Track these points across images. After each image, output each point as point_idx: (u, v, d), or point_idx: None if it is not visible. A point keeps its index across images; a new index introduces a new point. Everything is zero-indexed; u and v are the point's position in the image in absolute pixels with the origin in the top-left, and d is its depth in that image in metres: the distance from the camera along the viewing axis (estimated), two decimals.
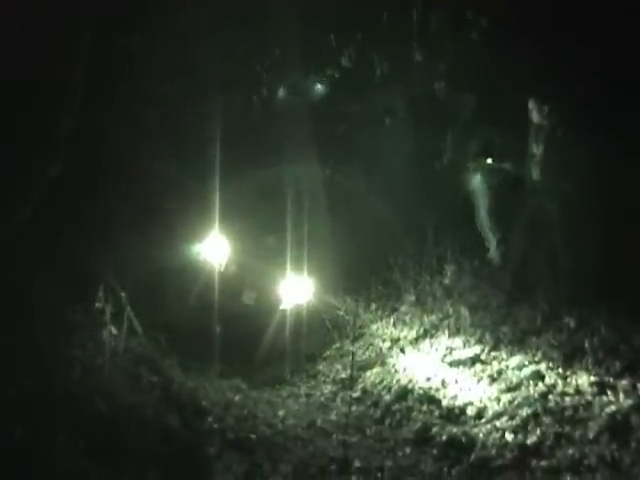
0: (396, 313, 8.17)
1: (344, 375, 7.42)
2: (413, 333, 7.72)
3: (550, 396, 6.07)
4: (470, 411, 6.26)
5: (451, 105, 8.54)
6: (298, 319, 7.60)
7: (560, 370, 6.38)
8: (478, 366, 6.90)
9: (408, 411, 6.56)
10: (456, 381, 6.77)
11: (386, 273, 8.57)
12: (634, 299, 7.03)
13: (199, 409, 6.01)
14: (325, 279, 7.81)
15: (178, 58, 8.03)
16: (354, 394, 6.98)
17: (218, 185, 7.86)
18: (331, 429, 6.33)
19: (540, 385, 6.26)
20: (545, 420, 5.79)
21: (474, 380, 6.70)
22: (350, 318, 7.86)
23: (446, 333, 7.55)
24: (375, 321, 8.10)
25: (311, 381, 7.62)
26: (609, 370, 6.19)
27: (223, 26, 8.01)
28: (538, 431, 5.67)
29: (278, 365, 7.77)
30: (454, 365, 7.03)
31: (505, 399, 6.23)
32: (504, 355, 6.90)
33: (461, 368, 6.95)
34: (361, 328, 8.07)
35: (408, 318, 8.03)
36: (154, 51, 7.72)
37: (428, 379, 6.93)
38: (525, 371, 6.52)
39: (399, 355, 7.55)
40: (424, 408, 6.55)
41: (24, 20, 5.94)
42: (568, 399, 5.96)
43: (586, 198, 7.48)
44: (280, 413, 6.62)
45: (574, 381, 6.17)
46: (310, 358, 8.03)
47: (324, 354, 8.06)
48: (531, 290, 7.80)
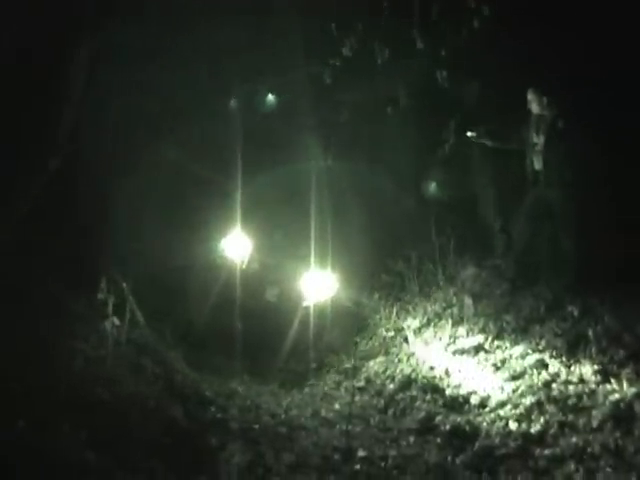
0: (399, 302, 8.16)
1: (348, 365, 7.42)
2: (417, 322, 7.71)
3: (554, 385, 6.06)
4: (474, 400, 6.25)
5: (453, 94, 8.51)
6: (322, 315, 7.49)
7: (564, 359, 6.37)
8: (482, 355, 6.89)
9: (412, 400, 6.56)
10: (459, 370, 6.76)
11: (389, 262, 8.56)
12: (637, 288, 7.02)
13: (202, 399, 6.01)
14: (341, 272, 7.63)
15: (190, 52, 7.99)
16: (358, 384, 6.98)
17: (240, 182, 7.94)
18: (335, 419, 6.34)
19: (544, 374, 6.25)
20: (549, 409, 5.78)
21: (478, 369, 6.69)
22: (353, 308, 7.84)
23: (449, 322, 7.54)
24: (378, 310, 8.10)
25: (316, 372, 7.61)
26: (613, 359, 6.17)
27: (224, 17, 7.96)
28: (542, 420, 5.66)
29: (301, 363, 7.71)
30: (457, 354, 7.03)
31: (509, 388, 6.22)
32: (507, 344, 6.89)
33: (465, 357, 6.95)
34: (364, 319, 8.06)
35: (411, 307, 8.03)
36: (165, 43, 7.69)
37: (432, 368, 6.94)
38: (529, 360, 6.51)
39: (402, 344, 7.55)
40: (428, 397, 6.55)
41: (24, 13, 5.94)
42: (572, 388, 5.95)
43: (588, 187, 7.46)
44: (284, 403, 6.63)
45: (578, 370, 6.16)
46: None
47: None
48: (534, 279, 7.79)
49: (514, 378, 6.36)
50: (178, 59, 7.97)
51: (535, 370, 6.34)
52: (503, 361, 6.67)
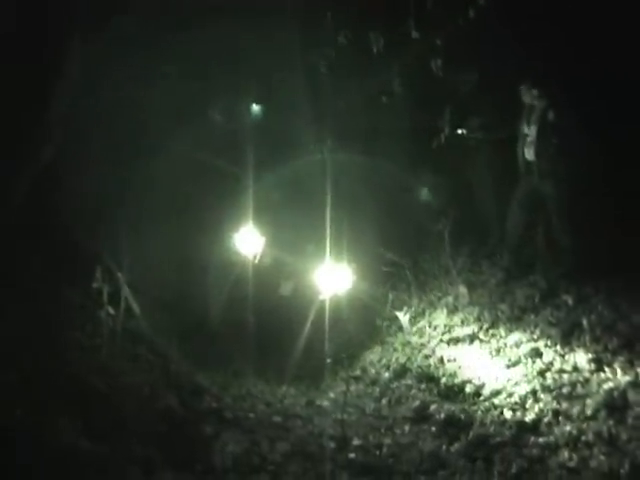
0: (395, 292, 8.17)
1: (344, 355, 7.42)
2: (412, 311, 7.72)
3: (548, 373, 6.08)
4: (468, 389, 6.27)
5: (448, 82, 8.50)
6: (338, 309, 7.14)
7: (558, 347, 6.39)
8: (476, 344, 6.91)
9: (407, 389, 6.58)
10: (454, 359, 6.78)
11: (383, 251, 8.55)
12: (632, 277, 7.04)
13: (197, 388, 6.02)
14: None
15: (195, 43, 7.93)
16: (353, 373, 7.00)
17: (251, 177, 7.87)
18: (330, 407, 6.35)
19: (538, 362, 6.27)
20: (543, 397, 5.80)
21: (472, 358, 6.71)
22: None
23: (445, 311, 7.56)
24: (374, 299, 8.10)
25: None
26: (607, 347, 6.20)
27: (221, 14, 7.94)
28: (536, 408, 5.68)
29: (316, 360, 7.32)
30: (452, 343, 7.04)
31: (503, 376, 6.24)
32: (502, 333, 6.91)
33: (459, 346, 6.96)
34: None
35: (407, 296, 8.04)
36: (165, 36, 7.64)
37: (427, 357, 6.95)
38: (523, 348, 6.53)
39: (398, 333, 7.57)
40: (422, 386, 6.57)
41: (16, 5, 5.92)
42: (566, 376, 5.97)
43: (581, 177, 7.48)
44: (279, 392, 6.65)
45: (572, 358, 6.18)
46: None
47: None
48: (529, 268, 7.82)
49: (508, 367, 6.39)
50: (181, 53, 7.90)
51: (530, 359, 6.36)
52: (498, 350, 6.69)
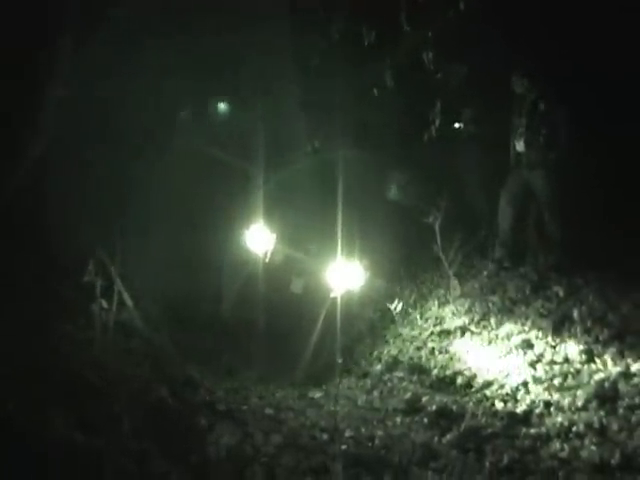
0: (386, 284, 8.18)
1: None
2: (403, 304, 7.73)
3: (539, 365, 6.13)
4: (460, 380, 6.30)
5: (439, 75, 8.50)
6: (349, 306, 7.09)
7: (549, 339, 6.44)
8: (467, 336, 6.94)
9: (399, 381, 6.60)
10: (446, 351, 6.81)
11: (374, 244, 8.56)
12: (622, 268, 7.10)
13: (189, 381, 6.02)
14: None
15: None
16: (345, 365, 7.01)
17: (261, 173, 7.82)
18: (322, 400, 6.37)
19: (529, 354, 6.32)
20: (534, 388, 5.84)
21: (464, 349, 6.74)
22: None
23: (436, 303, 7.59)
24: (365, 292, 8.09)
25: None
26: (597, 338, 6.26)
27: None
28: (527, 399, 5.72)
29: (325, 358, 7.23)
30: (444, 335, 7.07)
31: (494, 368, 6.27)
32: (493, 324, 6.95)
33: (451, 338, 6.99)
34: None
35: (398, 289, 8.06)
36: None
37: (418, 349, 6.98)
38: (514, 340, 6.57)
39: (390, 326, 7.59)
40: (414, 378, 6.59)
41: None
42: (557, 367, 6.02)
43: (571, 169, 7.52)
44: (271, 385, 6.66)
45: (563, 350, 6.23)
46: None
47: None
48: (520, 260, 7.86)
49: (500, 358, 6.42)
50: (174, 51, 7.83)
51: (521, 350, 6.40)
52: (489, 341, 6.73)
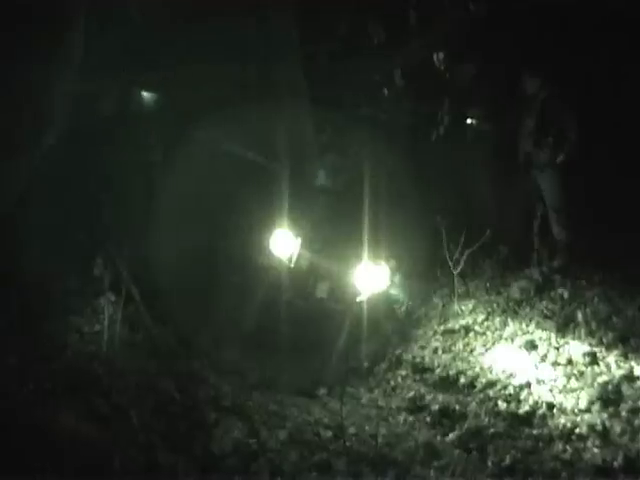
0: (391, 283, 8.18)
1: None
2: (408, 303, 7.75)
3: (542, 366, 6.14)
4: (463, 380, 6.32)
5: (449, 75, 8.53)
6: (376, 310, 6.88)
7: (553, 340, 6.45)
8: (471, 336, 6.96)
9: (402, 380, 6.64)
10: (450, 350, 6.83)
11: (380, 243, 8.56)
12: (627, 271, 7.11)
13: (195, 377, 6.06)
14: None
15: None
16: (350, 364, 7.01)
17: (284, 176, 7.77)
18: (327, 397, 6.41)
19: (533, 355, 6.33)
20: (537, 389, 5.86)
21: (467, 349, 6.76)
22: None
23: (440, 303, 7.61)
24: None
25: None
26: (601, 341, 6.27)
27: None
28: (530, 400, 5.74)
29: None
30: (447, 334, 7.09)
31: (498, 368, 6.29)
32: (497, 325, 6.97)
33: (455, 337, 7.01)
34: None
35: (403, 289, 8.06)
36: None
37: (422, 348, 7.00)
38: (518, 341, 6.59)
39: (393, 325, 7.60)
40: (417, 377, 6.62)
41: None
42: (560, 369, 6.04)
43: (579, 170, 7.53)
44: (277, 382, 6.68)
45: (566, 351, 6.24)
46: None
47: None
48: (525, 261, 7.88)
49: (503, 359, 6.44)
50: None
51: (524, 351, 6.42)
52: (493, 342, 6.75)
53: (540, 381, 5.95)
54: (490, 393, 6.01)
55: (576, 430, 5.27)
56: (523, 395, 5.84)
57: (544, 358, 6.25)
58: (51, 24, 5.97)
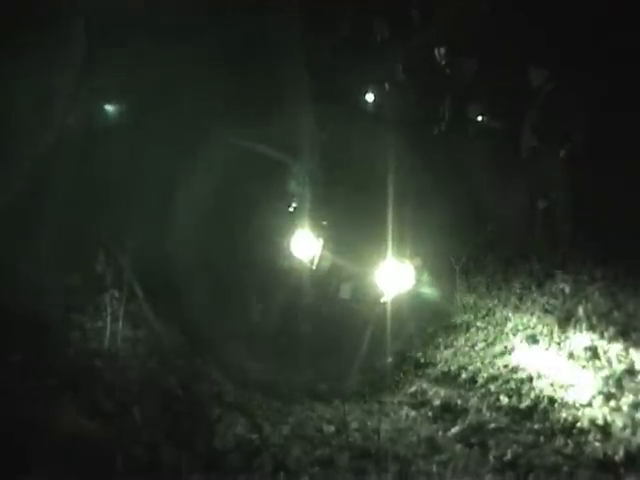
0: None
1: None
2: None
3: (544, 360, 6.14)
4: (465, 375, 6.34)
5: (451, 70, 8.52)
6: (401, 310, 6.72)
7: (554, 335, 6.46)
8: (473, 331, 6.97)
9: (405, 375, 6.65)
10: (451, 345, 6.85)
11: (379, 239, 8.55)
12: (629, 266, 7.11)
13: (197, 374, 6.07)
14: None
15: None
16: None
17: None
18: (330, 393, 6.42)
19: (534, 349, 6.34)
20: (539, 384, 5.87)
21: (468, 344, 6.77)
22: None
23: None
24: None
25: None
26: (603, 335, 6.27)
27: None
28: (532, 395, 5.75)
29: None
30: (449, 330, 7.10)
31: (500, 363, 6.30)
32: (499, 320, 6.98)
33: (456, 333, 7.02)
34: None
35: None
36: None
37: (424, 344, 7.01)
38: (519, 336, 6.60)
39: (396, 321, 7.59)
40: (420, 372, 6.64)
41: None
42: (562, 363, 6.04)
43: (584, 164, 7.53)
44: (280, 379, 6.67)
45: (568, 346, 6.25)
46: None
47: None
48: (527, 256, 7.88)
49: (504, 354, 6.45)
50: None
51: (526, 345, 6.43)
52: (494, 337, 6.76)
53: (541, 375, 5.95)
54: (492, 388, 6.02)
55: (577, 424, 5.28)
56: (525, 389, 5.85)
57: (545, 353, 6.25)
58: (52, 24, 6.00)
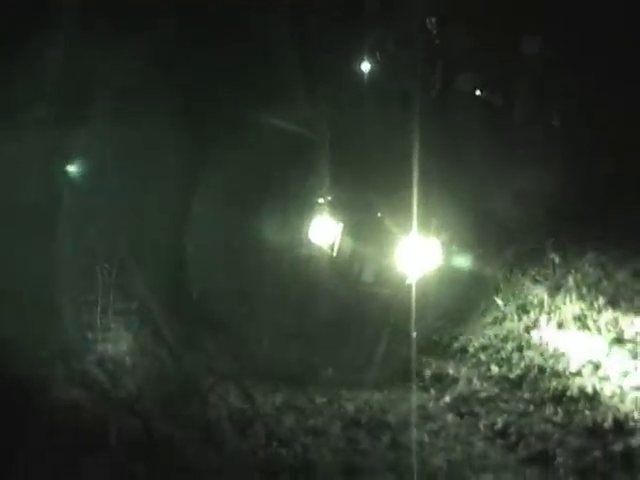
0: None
1: None
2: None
3: (534, 330, 6.19)
4: (456, 345, 6.37)
5: (442, 39, 8.47)
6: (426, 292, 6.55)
7: (544, 305, 6.48)
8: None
9: (398, 346, 6.68)
10: (443, 317, 6.87)
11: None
12: (618, 237, 7.12)
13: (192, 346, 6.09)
14: None
15: None
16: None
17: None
18: (321, 364, 6.46)
19: (524, 319, 6.37)
20: (529, 353, 5.91)
21: (460, 316, 6.80)
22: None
23: None
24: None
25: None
26: (592, 305, 6.29)
27: None
28: (522, 364, 5.80)
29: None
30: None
31: (490, 333, 6.34)
32: (489, 290, 7.00)
33: None
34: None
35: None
36: None
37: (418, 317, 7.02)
38: (510, 306, 6.63)
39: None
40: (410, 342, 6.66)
41: None
42: (552, 333, 6.08)
43: (574, 133, 7.50)
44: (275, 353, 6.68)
45: (557, 315, 6.28)
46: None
47: None
48: (519, 228, 7.88)
49: (495, 324, 6.49)
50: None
51: (516, 316, 6.47)
52: (485, 308, 6.79)
53: (531, 345, 6.00)
54: (482, 357, 6.07)
55: (567, 393, 5.34)
56: (515, 359, 5.89)
57: (535, 322, 6.29)
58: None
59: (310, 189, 7.55)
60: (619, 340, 5.75)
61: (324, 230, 6.86)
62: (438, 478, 4.92)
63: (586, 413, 5.09)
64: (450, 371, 6.15)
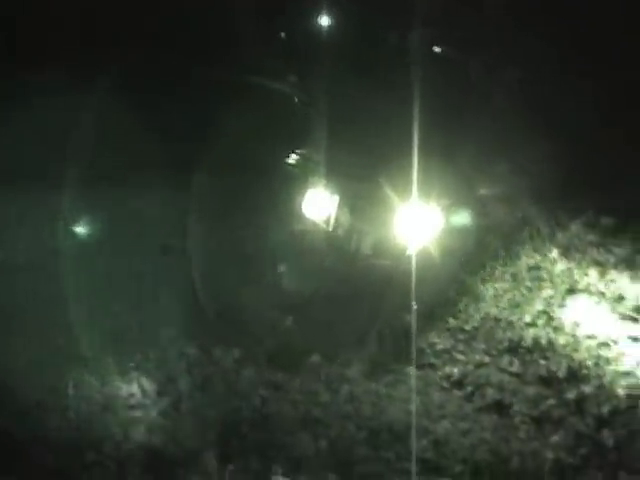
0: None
1: None
2: None
3: (489, 283, 6.20)
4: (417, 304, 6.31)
5: None
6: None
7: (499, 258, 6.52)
8: None
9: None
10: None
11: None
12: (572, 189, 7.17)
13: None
14: None
15: None
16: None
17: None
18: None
19: (480, 273, 6.35)
20: (484, 305, 5.96)
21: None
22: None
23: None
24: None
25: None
26: (546, 256, 6.32)
27: None
28: (477, 316, 5.85)
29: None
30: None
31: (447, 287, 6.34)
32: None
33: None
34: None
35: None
36: None
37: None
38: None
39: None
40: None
41: None
42: (506, 285, 6.11)
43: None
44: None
45: (512, 268, 6.32)
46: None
47: None
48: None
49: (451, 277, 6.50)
50: None
51: (472, 270, 6.48)
52: (442, 264, 6.74)
53: (486, 297, 6.04)
54: (438, 311, 6.08)
55: (522, 343, 5.42)
56: (470, 311, 5.95)
57: (490, 275, 6.32)
58: None
59: (302, 160, 7.28)
60: (572, 290, 5.85)
61: (318, 203, 6.58)
62: (395, 427, 5.02)
63: (541, 362, 5.19)
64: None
